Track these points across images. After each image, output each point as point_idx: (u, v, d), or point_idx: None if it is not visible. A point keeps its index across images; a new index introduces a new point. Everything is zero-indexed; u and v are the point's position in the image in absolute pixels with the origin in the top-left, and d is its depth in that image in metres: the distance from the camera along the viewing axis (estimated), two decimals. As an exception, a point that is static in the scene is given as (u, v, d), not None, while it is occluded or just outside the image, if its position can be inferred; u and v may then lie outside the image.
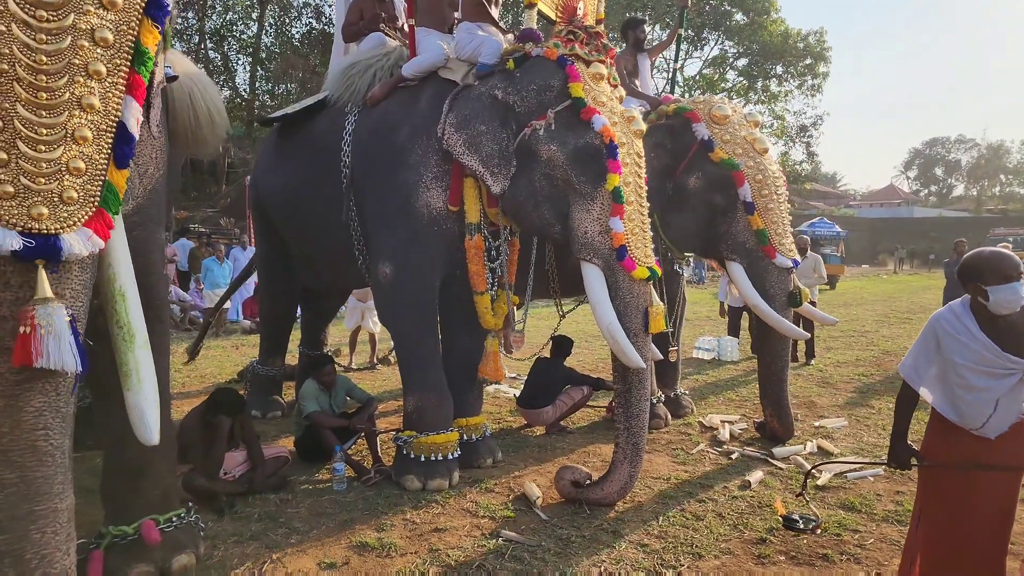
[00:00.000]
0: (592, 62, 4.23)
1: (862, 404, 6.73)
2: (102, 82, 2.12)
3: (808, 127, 30.37)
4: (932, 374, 2.72)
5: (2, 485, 2.03)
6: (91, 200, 2.14)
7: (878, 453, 5.16)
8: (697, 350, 9.55)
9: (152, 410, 2.40)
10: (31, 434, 2.07)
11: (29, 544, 2.06)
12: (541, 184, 4.22)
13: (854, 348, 10.20)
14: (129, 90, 2.21)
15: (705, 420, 6.05)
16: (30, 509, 2.06)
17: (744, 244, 5.18)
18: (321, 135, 5.11)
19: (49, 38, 1.98)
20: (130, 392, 2.39)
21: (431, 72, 4.71)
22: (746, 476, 4.64)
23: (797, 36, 27.29)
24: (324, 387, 5.08)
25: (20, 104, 1.97)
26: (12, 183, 1.98)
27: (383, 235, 4.67)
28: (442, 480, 4.39)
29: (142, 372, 2.41)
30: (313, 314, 6.90)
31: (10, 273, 2.02)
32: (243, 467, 4.42)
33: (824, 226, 27.03)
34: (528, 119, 4.21)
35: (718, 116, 5.25)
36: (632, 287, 4.04)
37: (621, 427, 4.12)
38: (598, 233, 4.05)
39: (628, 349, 3.93)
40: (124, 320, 2.41)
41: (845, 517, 4.00)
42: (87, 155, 2.10)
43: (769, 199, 5.13)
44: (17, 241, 1.98)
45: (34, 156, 2.00)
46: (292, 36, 23.94)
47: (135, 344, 2.41)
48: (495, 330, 4.75)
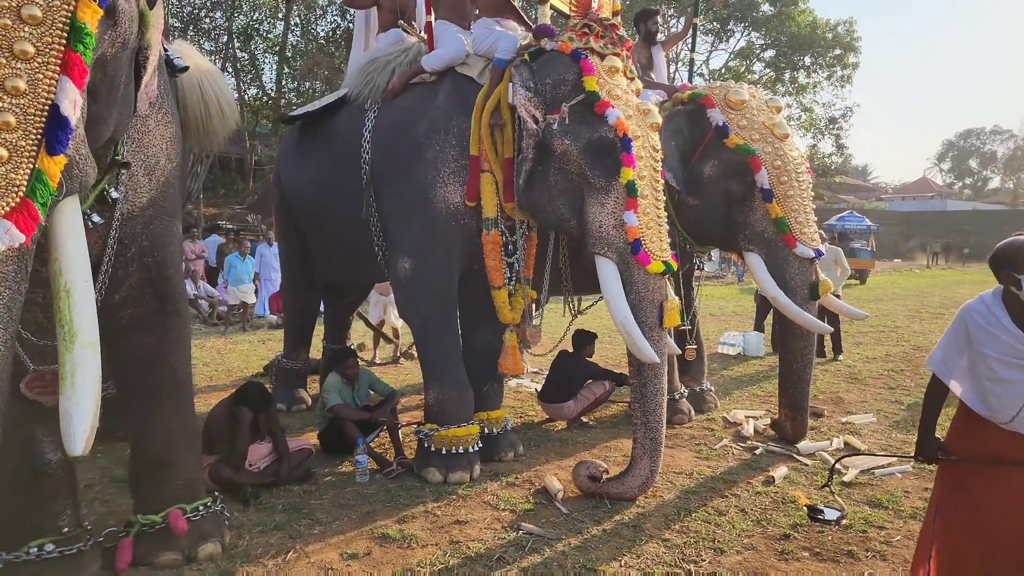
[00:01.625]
0: (607, 55, 4.20)
1: (891, 400, 6.63)
2: (30, 62, 1.94)
3: (837, 119, 29.89)
4: (962, 366, 2.65)
5: None
6: (13, 190, 1.93)
7: (907, 450, 5.07)
8: (722, 345, 9.47)
9: (82, 418, 2.14)
10: None
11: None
12: (556, 178, 4.21)
13: (884, 343, 10.04)
14: (64, 70, 2.01)
15: (729, 416, 5.99)
16: None
17: (762, 233, 4.99)
18: (341, 131, 5.15)
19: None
20: (62, 396, 2.16)
21: (449, 67, 4.71)
22: (770, 472, 4.59)
23: (826, 26, 26.82)
24: (347, 380, 5.12)
25: None
26: None
27: (402, 230, 4.70)
28: (463, 473, 4.41)
29: (77, 376, 2.17)
30: (335, 308, 6.96)
31: None
32: (268, 459, 4.47)
33: (854, 220, 26.59)
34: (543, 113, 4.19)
35: (734, 101, 5.07)
36: (647, 281, 4.02)
37: (638, 422, 4.10)
38: (612, 227, 4.03)
39: (642, 344, 3.91)
40: (67, 318, 2.21)
41: (871, 513, 3.94)
42: (10, 141, 1.92)
43: (789, 186, 4.91)
44: None
45: None
46: (317, 34, 24.09)
47: (75, 345, 2.20)
48: (513, 325, 4.75)
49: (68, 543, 3.08)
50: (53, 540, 3.04)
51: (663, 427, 4.12)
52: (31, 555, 2.98)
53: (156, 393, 3.34)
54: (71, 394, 2.17)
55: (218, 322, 12.23)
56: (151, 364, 3.31)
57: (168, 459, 3.38)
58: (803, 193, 5.00)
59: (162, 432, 3.36)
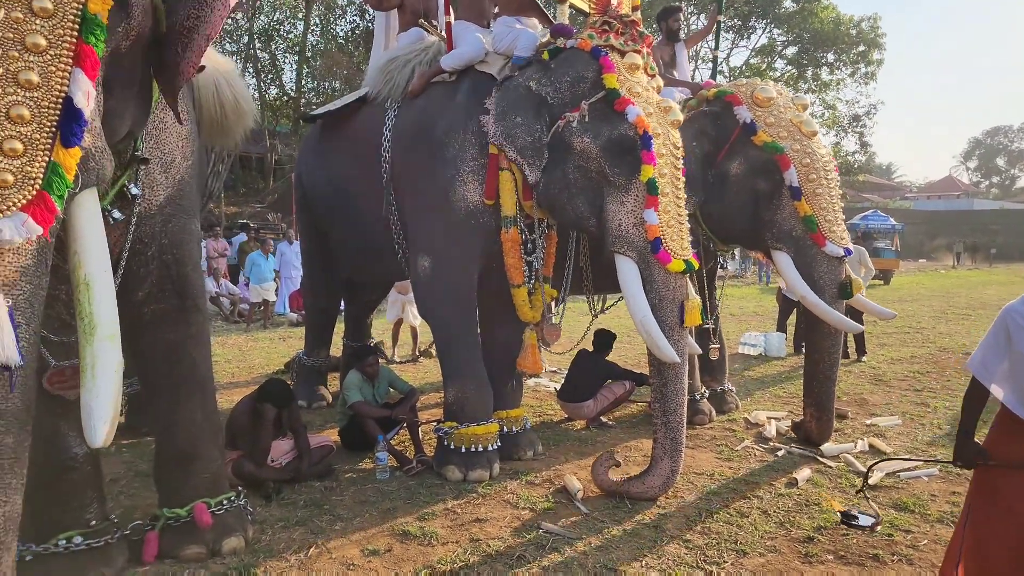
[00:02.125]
0: (627, 52, 4.17)
1: (916, 403, 6.53)
2: (42, 55, 1.94)
3: (861, 116, 29.56)
4: (1003, 369, 2.57)
5: None
6: (29, 183, 1.94)
7: (933, 453, 5.01)
8: (743, 346, 9.39)
9: (102, 410, 2.16)
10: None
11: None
12: (575, 176, 4.19)
13: (909, 345, 9.91)
14: (77, 62, 2.00)
15: (750, 416, 5.94)
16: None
17: (791, 232, 4.92)
18: (362, 130, 5.16)
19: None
20: (83, 388, 2.19)
21: (469, 66, 4.71)
22: (793, 474, 4.54)
23: (849, 22, 26.51)
24: (367, 378, 5.14)
25: None
26: None
27: (421, 229, 4.70)
28: (483, 471, 4.40)
29: (97, 368, 2.19)
30: (356, 306, 6.99)
31: None
32: (290, 455, 4.50)
33: (878, 219, 26.25)
34: (562, 111, 4.18)
35: (761, 98, 5.00)
36: (667, 280, 3.99)
37: (659, 422, 4.08)
38: (632, 225, 4.01)
39: (662, 343, 3.88)
40: (86, 311, 2.23)
41: (897, 517, 3.89)
42: (25, 134, 1.92)
43: (817, 184, 4.85)
44: None
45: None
46: (337, 34, 24.24)
47: (95, 337, 2.22)
48: (532, 323, 4.74)
49: (96, 536, 3.12)
50: (81, 533, 3.09)
51: (683, 427, 4.09)
52: (60, 547, 3.03)
53: (180, 387, 3.38)
54: (91, 386, 2.18)
55: (239, 320, 12.34)
56: (173, 359, 3.34)
57: (193, 452, 3.42)
58: (831, 191, 4.92)
59: (187, 426, 3.39)
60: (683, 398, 4.08)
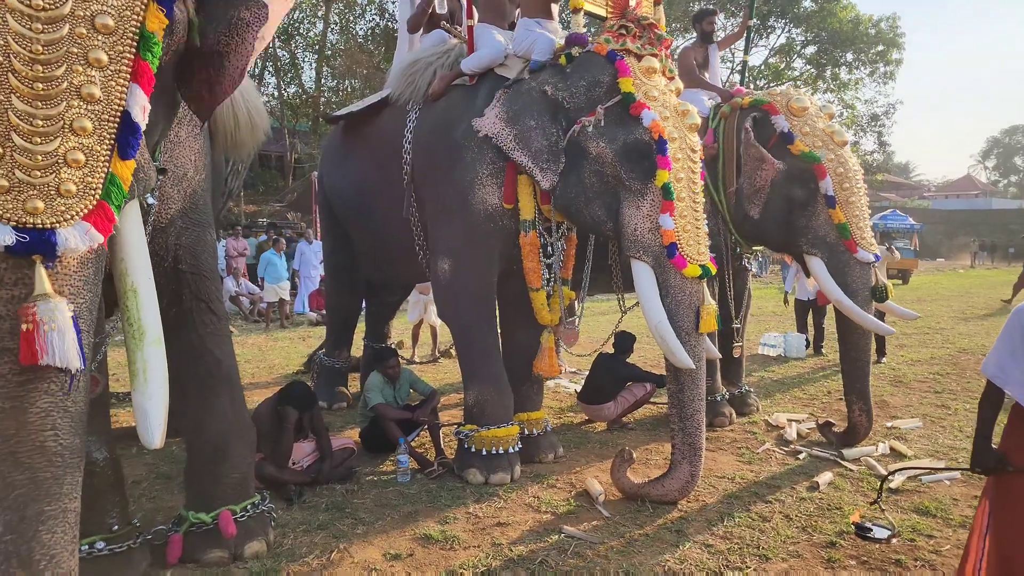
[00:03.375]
0: (644, 56, 4.15)
1: (937, 405, 6.48)
2: (103, 70, 2.01)
3: (880, 116, 29.31)
4: (1018, 371, 2.56)
5: (11, 486, 1.96)
6: (91, 193, 2.02)
7: (954, 456, 4.97)
8: (762, 346, 9.36)
9: (156, 411, 2.30)
10: (39, 435, 1.98)
11: (38, 545, 1.98)
12: (591, 181, 4.19)
13: (929, 346, 9.82)
14: (134, 78, 2.09)
15: (771, 419, 5.92)
16: (40, 509, 1.99)
17: (825, 238, 5.05)
18: (383, 132, 5.19)
19: (45, 27, 1.90)
20: (136, 391, 2.31)
21: (489, 69, 4.72)
22: (814, 477, 4.52)
23: (868, 22, 26.27)
24: (389, 379, 5.17)
25: (15, 96, 1.89)
26: (6, 177, 1.90)
27: (441, 231, 4.72)
28: (504, 474, 4.42)
29: (149, 372, 2.32)
30: (377, 307, 7.03)
31: (3, 270, 1.93)
32: (311, 457, 4.53)
33: (897, 218, 26.04)
34: (578, 115, 4.19)
35: (796, 108, 5.15)
36: (683, 285, 3.99)
37: (676, 427, 4.07)
38: (648, 230, 4.01)
39: (677, 349, 3.87)
40: (135, 317, 2.33)
41: (920, 522, 3.86)
42: (87, 146, 2.00)
43: (851, 192, 5.01)
44: (10, 236, 1.89)
45: (29, 148, 1.91)
46: (356, 33, 24.34)
47: (144, 342, 2.33)
48: (551, 326, 4.75)
49: (118, 540, 3.15)
50: (103, 538, 3.11)
51: (702, 431, 4.07)
52: (82, 552, 3.04)
53: (206, 384, 3.43)
54: (144, 389, 2.29)
55: (259, 319, 12.43)
56: (198, 357, 3.40)
57: (224, 448, 3.45)
58: (862, 200, 5.10)
59: (218, 420, 3.44)
60: (701, 403, 4.07)
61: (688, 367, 3.92)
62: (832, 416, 5.93)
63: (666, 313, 3.96)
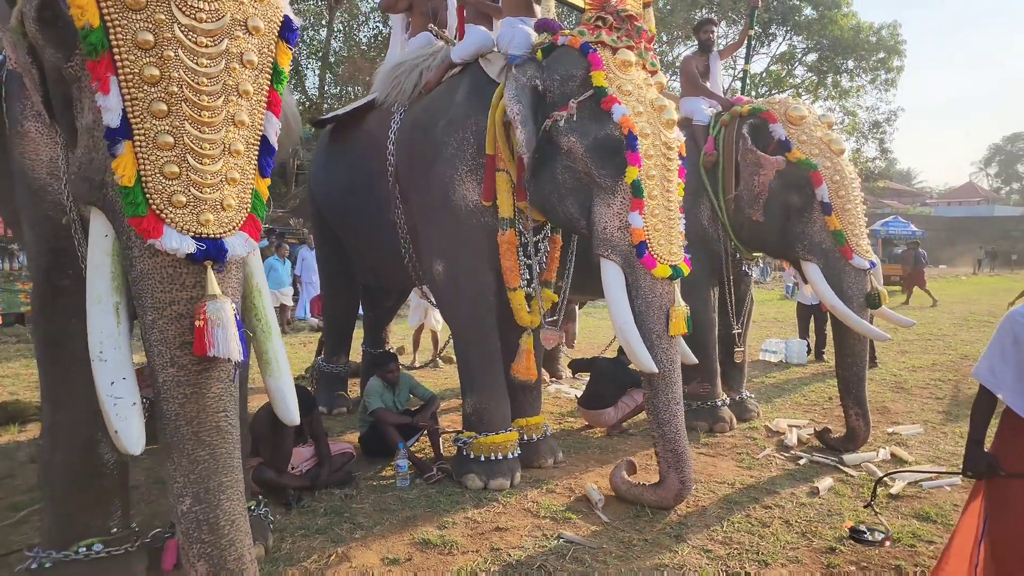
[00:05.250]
0: (619, 48, 4.08)
1: (938, 411, 6.47)
2: (249, 100, 2.33)
3: (881, 123, 29.25)
4: (1010, 376, 2.55)
5: (195, 461, 2.27)
6: (245, 206, 2.35)
7: (956, 463, 4.94)
8: (764, 352, 9.34)
9: (292, 394, 2.58)
10: (215, 416, 2.30)
11: (222, 512, 2.29)
12: (564, 177, 4.13)
13: (930, 352, 9.80)
14: (269, 106, 2.42)
15: (772, 424, 5.90)
16: (220, 481, 2.30)
17: (821, 245, 5.11)
18: (369, 135, 5.19)
19: (208, 62, 2.22)
20: (271, 377, 2.56)
21: (471, 65, 4.72)
22: (815, 483, 4.50)
23: (869, 30, 26.24)
24: (388, 384, 5.16)
25: (188, 122, 2.19)
26: (184, 193, 2.20)
27: (428, 231, 4.70)
28: (504, 479, 4.40)
29: (280, 360, 2.58)
30: (374, 312, 7.02)
31: (186, 275, 2.24)
32: (310, 462, 4.52)
33: (898, 225, 26.05)
34: (552, 109, 4.12)
35: (794, 117, 5.23)
36: (653, 286, 3.91)
37: (656, 435, 3.98)
38: (617, 228, 3.94)
39: (641, 352, 3.79)
40: (263, 314, 2.59)
41: (919, 527, 3.84)
42: (240, 166, 2.31)
43: (846, 200, 5.07)
44: (192, 245, 2.19)
45: (200, 168, 2.21)
46: (360, 40, 24.39)
47: (272, 335, 2.59)
48: (530, 328, 4.66)
49: (116, 543, 3.14)
50: (102, 540, 3.11)
51: (683, 436, 3.97)
52: (79, 554, 3.05)
53: None
54: (279, 375, 2.57)
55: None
56: None
57: None
58: (858, 207, 5.16)
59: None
60: (677, 406, 3.96)
61: (651, 371, 3.82)
62: (833, 422, 5.92)
63: (635, 315, 3.89)
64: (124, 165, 2.16)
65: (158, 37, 2.15)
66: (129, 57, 2.14)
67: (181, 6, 2.17)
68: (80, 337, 2.87)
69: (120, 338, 2.33)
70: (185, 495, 2.27)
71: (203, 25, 2.20)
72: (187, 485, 2.26)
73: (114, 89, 2.14)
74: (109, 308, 2.33)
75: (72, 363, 2.97)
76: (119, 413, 2.25)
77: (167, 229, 2.18)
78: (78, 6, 2.10)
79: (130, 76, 2.15)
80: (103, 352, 2.28)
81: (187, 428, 2.26)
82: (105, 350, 2.28)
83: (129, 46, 2.14)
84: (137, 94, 2.15)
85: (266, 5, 2.38)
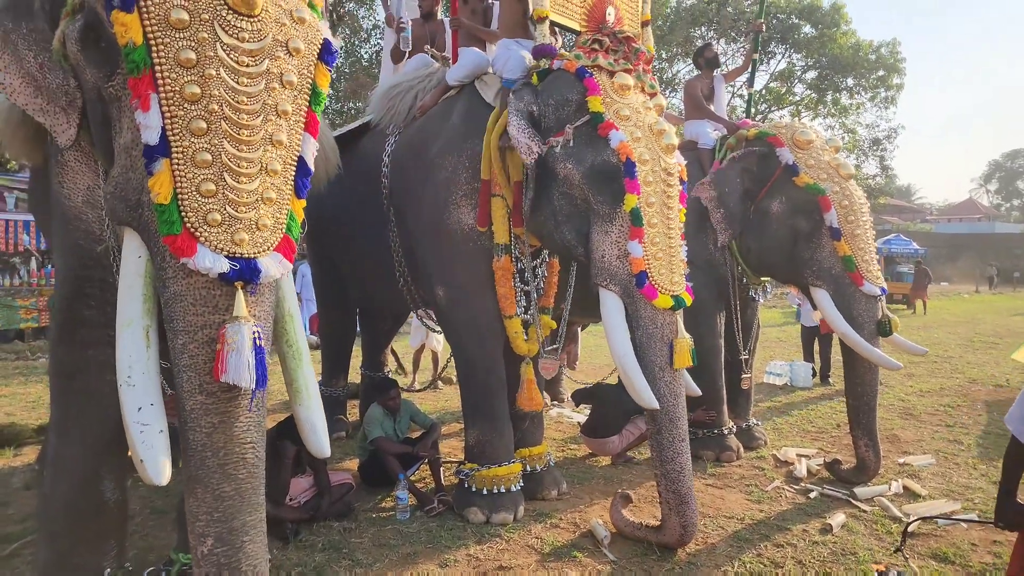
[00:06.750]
0: (617, 72, 3.97)
1: (950, 439, 6.34)
2: (288, 120, 2.31)
3: (882, 140, 29.26)
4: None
5: (220, 498, 2.18)
6: (280, 227, 2.30)
7: (970, 496, 4.83)
8: (768, 375, 9.23)
9: (323, 425, 2.48)
10: (242, 447, 2.22)
11: (244, 556, 2.20)
12: (561, 204, 4.00)
13: (938, 375, 9.68)
14: (307, 127, 2.40)
15: (780, 454, 5.78)
16: (244, 520, 2.21)
17: (830, 270, 5.03)
18: (364, 157, 5.11)
19: (249, 81, 2.20)
20: (301, 407, 2.46)
21: (467, 88, 4.66)
22: (827, 518, 4.38)
23: (868, 48, 26.30)
24: (389, 412, 5.05)
25: (226, 140, 2.16)
26: (220, 211, 2.15)
27: (426, 255, 4.61)
28: (507, 514, 4.27)
29: (311, 388, 2.49)
30: (372, 335, 6.92)
31: (219, 297, 2.18)
32: (309, 493, 4.41)
33: (900, 243, 25.94)
34: (548, 135, 4.00)
35: (801, 141, 5.15)
36: (654, 317, 3.74)
37: (658, 474, 3.79)
38: (616, 257, 3.79)
39: (641, 386, 3.61)
40: (293, 339, 2.50)
41: (937, 569, 3.72)
42: (277, 186, 2.28)
43: (856, 225, 4.99)
44: (225, 264, 2.13)
45: (237, 187, 2.18)
46: (362, 57, 24.44)
47: (303, 361, 2.50)
48: (528, 356, 4.55)
49: None
50: None
51: (687, 476, 3.76)
52: None
53: None
54: (309, 404, 2.47)
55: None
56: None
57: None
58: (868, 232, 5.07)
59: None
60: (682, 444, 3.77)
61: (653, 407, 3.64)
62: (842, 451, 5.81)
63: (636, 347, 3.73)
64: (161, 183, 2.12)
65: (200, 56, 2.14)
66: (171, 75, 2.13)
67: (224, 26, 2.16)
68: (95, 369, 2.86)
69: (149, 363, 2.24)
70: (207, 535, 2.17)
71: (245, 45, 2.19)
72: (210, 524, 2.18)
73: (154, 107, 2.12)
74: (139, 331, 2.24)
75: (85, 395, 2.91)
76: (145, 441, 2.16)
77: (201, 248, 2.13)
78: (122, 24, 2.10)
79: (171, 94, 2.13)
80: (131, 377, 2.19)
81: (213, 459, 2.18)
82: (134, 375, 2.19)
83: (171, 64, 2.13)
84: (177, 112, 2.13)
85: (307, 27, 2.38)
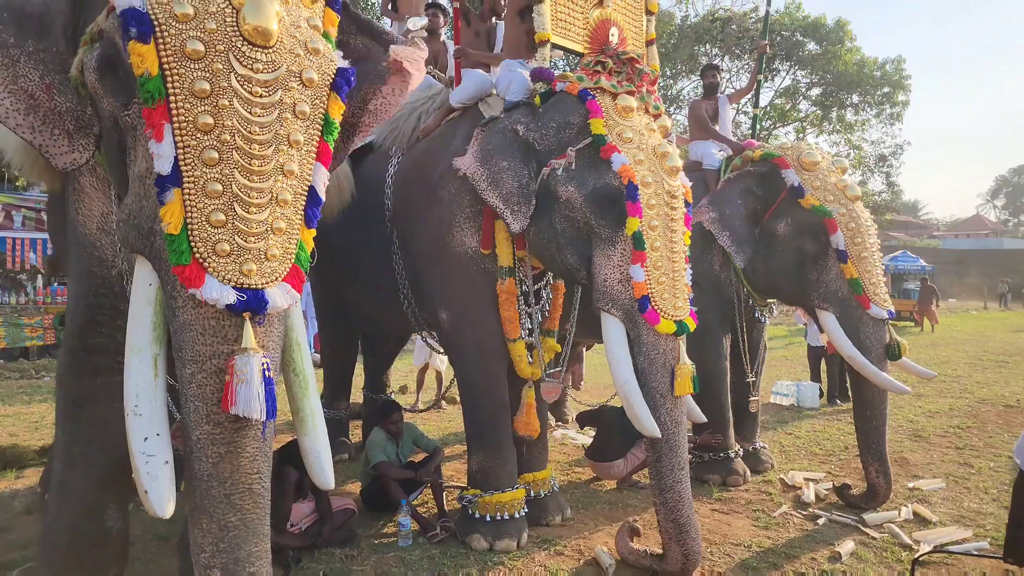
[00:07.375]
0: (620, 94, 3.94)
1: (960, 463, 6.26)
2: (300, 150, 2.30)
3: (887, 156, 29.24)
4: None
5: (226, 528, 2.17)
6: (288, 257, 2.29)
7: (981, 522, 4.75)
8: (775, 395, 9.16)
9: (328, 455, 2.47)
10: (248, 477, 2.22)
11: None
12: (563, 227, 3.95)
13: (946, 396, 9.59)
14: (319, 157, 2.40)
15: (787, 478, 5.70)
16: (249, 551, 2.20)
17: (837, 293, 4.99)
18: (366, 178, 5.07)
19: (262, 111, 2.20)
20: (307, 437, 2.45)
21: (470, 110, 4.63)
22: (836, 546, 4.31)
23: (873, 65, 26.37)
24: (391, 436, 5.01)
25: (238, 171, 2.17)
26: (228, 242, 2.16)
27: (430, 278, 4.58)
28: (510, 541, 4.21)
29: (316, 418, 2.47)
30: (373, 357, 6.88)
31: (228, 328, 2.17)
32: (311, 519, 4.36)
33: (907, 260, 25.87)
34: (549, 157, 3.97)
35: (807, 162, 5.14)
36: (657, 342, 3.67)
37: (657, 502, 3.71)
38: (617, 281, 3.73)
39: (642, 413, 3.54)
40: (300, 368, 2.48)
41: (949, 599, 3.66)
42: (286, 216, 2.27)
43: (863, 247, 4.95)
44: (232, 295, 2.13)
45: (247, 217, 2.18)
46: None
47: (309, 391, 2.49)
48: (532, 380, 4.49)
49: None
50: None
51: (687, 505, 3.66)
52: None
53: None
54: (315, 434, 2.45)
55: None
56: None
57: None
58: (875, 255, 5.02)
59: None
60: (682, 472, 3.70)
61: (654, 435, 3.57)
62: (851, 474, 5.74)
63: (637, 372, 3.67)
64: (172, 212, 2.13)
65: (214, 86, 2.14)
66: (185, 105, 2.14)
67: (239, 57, 2.17)
68: (105, 397, 2.82)
69: (156, 391, 2.24)
70: (213, 566, 2.17)
71: (259, 75, 2.19)
72: (215, 555, 2.17)
73: (167, 137, 2.14)
74: (148, 359, 2.24)
75: (93, 423, 2.88)
76: (150, 472, 2.15)
77: (208, 278, 2.13)
78: (138, 55, 2.11)
79: (184, 124, 2.14)
80: (138, 406, 2.20)
81: (219, 489, 2.17)
82: (141, 404, 2.20)
83: (186, 94, 2.14)
84: (190, 142, 2.14)
85: (321, 58, 2.38)
